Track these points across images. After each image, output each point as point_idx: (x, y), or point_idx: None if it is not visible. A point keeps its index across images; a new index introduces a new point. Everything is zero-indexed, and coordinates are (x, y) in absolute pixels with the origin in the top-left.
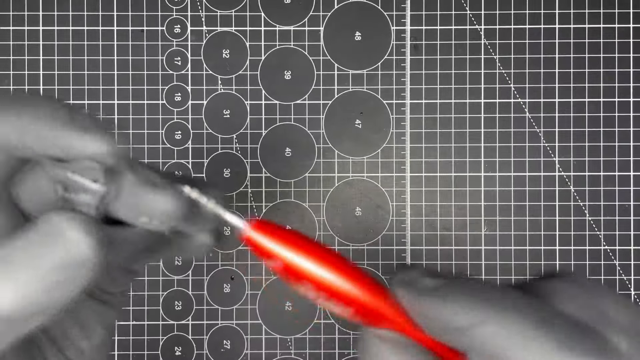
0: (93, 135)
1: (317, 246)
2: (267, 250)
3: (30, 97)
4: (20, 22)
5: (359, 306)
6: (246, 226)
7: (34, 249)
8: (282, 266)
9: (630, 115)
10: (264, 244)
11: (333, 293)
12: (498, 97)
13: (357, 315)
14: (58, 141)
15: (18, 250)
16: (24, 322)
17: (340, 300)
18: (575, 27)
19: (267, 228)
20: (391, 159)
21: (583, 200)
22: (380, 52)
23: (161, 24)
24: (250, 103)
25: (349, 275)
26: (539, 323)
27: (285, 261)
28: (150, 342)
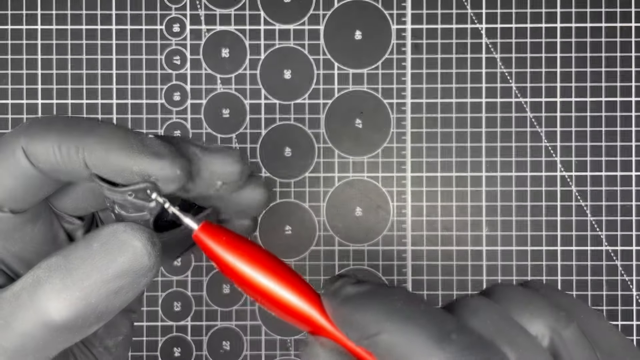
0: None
1: (256, 252)
2: (209, 250)
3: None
4: (18, 21)
5: (291, 313)
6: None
7: (98, 257)
8: (219, 267)
9: (632, 114)
10: (207, 244)
11: (266, 298)
12: (499, 97)
13: (292, 321)
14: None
15: (81, 260)
16: (85, 328)
17: (273, 305)
18: (577, 26)
19: (212, 231)
20: (392, 159)
21: (585, 201)
22: (381, 51)
23: (160, 22)
24: (249, 102)
25: (284, 283)
26: (437, 336)
27: (221, 262)
28: (149, 343)
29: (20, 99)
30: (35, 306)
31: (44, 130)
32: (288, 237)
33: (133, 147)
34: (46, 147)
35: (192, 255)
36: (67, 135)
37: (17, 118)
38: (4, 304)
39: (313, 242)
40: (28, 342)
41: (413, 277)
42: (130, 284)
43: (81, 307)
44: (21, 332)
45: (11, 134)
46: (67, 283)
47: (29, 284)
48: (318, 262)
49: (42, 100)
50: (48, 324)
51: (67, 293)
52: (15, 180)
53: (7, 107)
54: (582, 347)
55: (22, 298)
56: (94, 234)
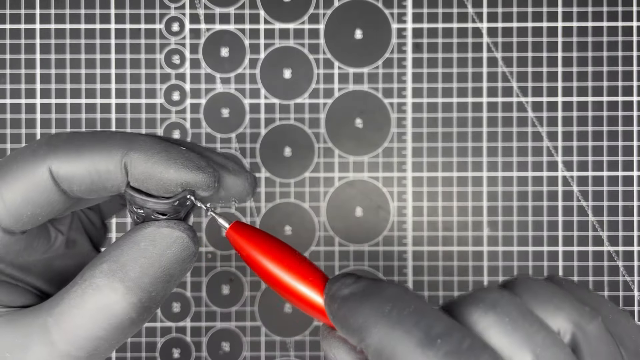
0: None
1: (279, 249)
2: (238, 245)
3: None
4: (17, 20)
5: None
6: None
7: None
8: (246, 261)
9: (633, 114)
10: (236, 241)
11: (286, 292)
12: (500, 96)
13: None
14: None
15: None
16: (148, 317)
17: (292, 298)
18: (579, 26)
19: (241, 229)
20: (392, 159)
21: (586, 201)
22: (381, 51)
23: (159, 22)
24: (249, 102)
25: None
26: (421, 341)
27: (248, 257)
28: (149, 344)
29: (18, 98)
30: (104, 313)
31: (75, 149)
32: (288, 237)
33: (177, 162)
34: (81, 168)
35: None
36: (106, 152)
37: (16, 118)
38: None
39: (313, 243)
40: (101, 344)
41: (414, 278)
42: (180, 270)
43: (145, 302)
44: (95, 337)
45: (33, 153)
46: (129, 285)
47: (89, 293)
48: (318, 262)
49: (40, 100)
50: (118, 324)
51: (131, 294)
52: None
53: (5, 106)
54: (606, 344)
55: (88, 307)
56: (137, 233)
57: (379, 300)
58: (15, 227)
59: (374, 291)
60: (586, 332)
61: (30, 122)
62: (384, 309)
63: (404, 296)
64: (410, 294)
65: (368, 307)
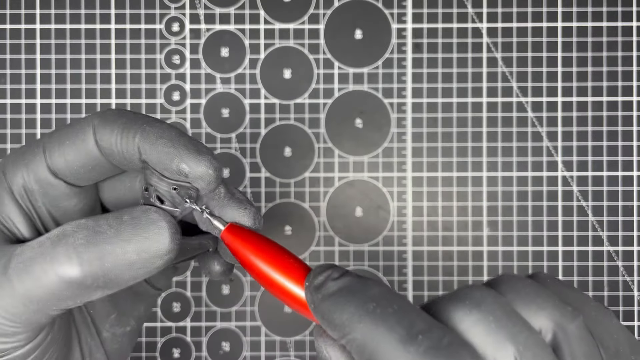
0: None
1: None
2: (232, 247)
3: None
4: (17, 20)
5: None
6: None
7: (124, 227)
8: (240, 262)
9: (633, 114)
10: (231, 243)
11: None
12: (500, 96)
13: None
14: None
15: (108, 226)
16: (90, 290)
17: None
18: (578, 26)
19: (236, 231)
20: (392, 159)
21: (586, 201)
22: (381, 51)
23: (159, 22)
24: (249, 102)
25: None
26: (403, 337)
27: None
28: (149, 344)
29: (18, 98)
30: (53, 255)
31: (115, 116)
32: (288, 238)
33: (180, 143)
34: (112, 130)
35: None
36: (132, 123)
37: (16, 118)
38: (28, 250)
39: (313, 243)
40: (37, 288)
41: (414, 278)
42: (145, 260)
43: (94, 267)
44: (35, 277)
45: (88, 116)
46: (90, 241)
47: (54, 235)
48: (318, 262)
49: (40, 100)
50: (60, 275)
51: (86, 250)
52: (78, 154)
53: (5, 106)
54: (586, 344)
55: (45, 246)
56: (126, 209)
57: (364, 298)
58: (70, 180)
59: (359, 289)
60: (567, 332)
61: (30, 122)
62: (369, 306)
63: (388, 295)
64: (393, 293)
65: (353, 304)
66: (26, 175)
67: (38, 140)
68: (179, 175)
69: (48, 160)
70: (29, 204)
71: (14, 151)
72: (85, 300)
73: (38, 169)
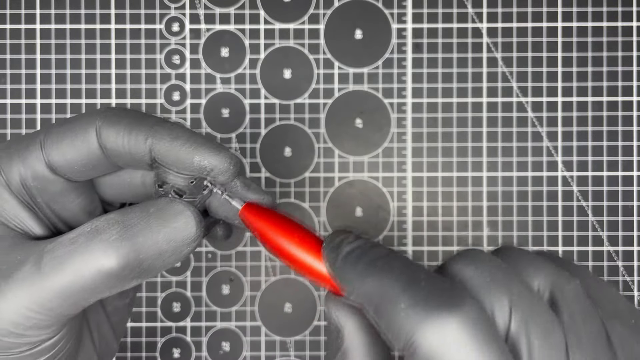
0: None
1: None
2: (249, 224)
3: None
4: (17, 20)
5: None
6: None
7: (153, 219)
8: (258, 237)
9: (633, 114)
10: (248, 220)
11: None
12: (500, 96)
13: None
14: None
15: (137, 219)
16: (127, 280)
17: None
18: (578, 26)
19: (252, 209)
20: (392, 159)
21: (586, 201)
22: (381, 51)
23: (159, 22)
24: (249, 102)
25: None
26: (406, 283)
27: (260, 233)
28: (149, 344)
29: (19, 98)
30: (90, 251)
31: (118, 116)
32: None
33: (197, 141)
34: (117, 131)
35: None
36: (138, 124)
37: (16, 118)
38: (60, 247)
39: None
40: (77, 281)
41: None
42: (174, 249)
43: (130, 259)
44: (73, 271)
45: (87, 114)
46: (123, 235)
47: (86, 231)
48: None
49: (40, 100)
50: (99, 268)
51: (121, 244)
52: (79, 154)
53: (5, 106)
54: (583, 302)
55: (79, 242)
56: (151, 201)
57: (373, 256)
58: (70, 177)
59: (370, 249)
60: (564, 292)
61: (30, 122)
62: (377, 262)
63: (394, 254)
64: (399, 254)
65: (364, 261)
66: (23, 172)
67: (33, 135)
68: (200, 171)
69: (46, 157)
70: (29, 199)
71: (6, 146)
72: (121, 289)
73: (36, 166)
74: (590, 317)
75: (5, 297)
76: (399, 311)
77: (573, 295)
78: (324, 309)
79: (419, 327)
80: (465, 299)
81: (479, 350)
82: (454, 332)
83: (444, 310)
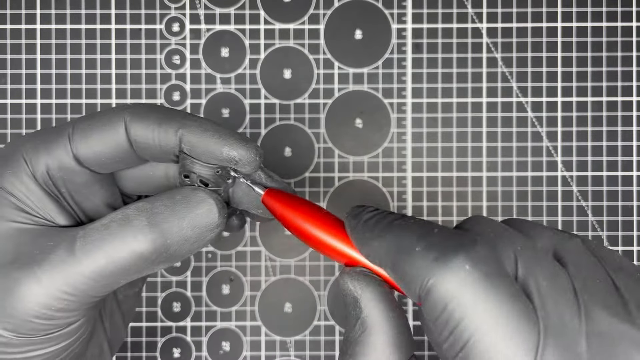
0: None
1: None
2: (272, 209)
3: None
4: (17, 20)
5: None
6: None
7: (179, 207)
8: (280, 220)
9: (633, 114)
10: (269, 203)
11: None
12: (500, 96)
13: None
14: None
15: (164, 207)
16: (155, 264)
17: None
18: (578, 26)
19: (274, 194)
20: (392, 159)
21: (586, 201)
22: (381, 51)
23: (159, 22)
24: (249, 102)
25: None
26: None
27: (281, 216)
28: (149, 343)
29: (19, 98)
30: (122, 236)
31: (147, 111)
32: (288, 237)
33: (226, 133)
34: (147, 124)
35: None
36: (168, 117)
37: (16, 118)
38: (93, 232)
39: None
40: (109, 265)
41: None
42: (198, 235)
43: (159, 244)
44: (106, 255)
45: (115, 109)
46: (152, 222)
47: (118, 218)
48: (318, 262)
49: (41, 100)
50: (130, 252)
51: (150, 230)
52: (107, 147)
53: (6, 106)
54: (587, 256)
55: (112, 228)
56: (176, 189)
57: (390, 220)
58: (95, 169)
59: (387, 215)
60: (567, 247)
61: (30, 122)
62: (394, 223)
63: (409, 217)
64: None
65: (382, 224)
66: (50, 162)
67: (61, 128)
68: (228, 162)
69: (74, 150)
70: (55, 190)
71: (31, 137)
72: (150, 272)
73: (62, 157)
74: (595, 266)
75: (39, 280)
76: (415, 255)
77: (576, 249)
78: (339, 283)
79: (434, 266)
80: (477, 241)
81: (492, 284)
82: (469, 269)
83: (459, 250)
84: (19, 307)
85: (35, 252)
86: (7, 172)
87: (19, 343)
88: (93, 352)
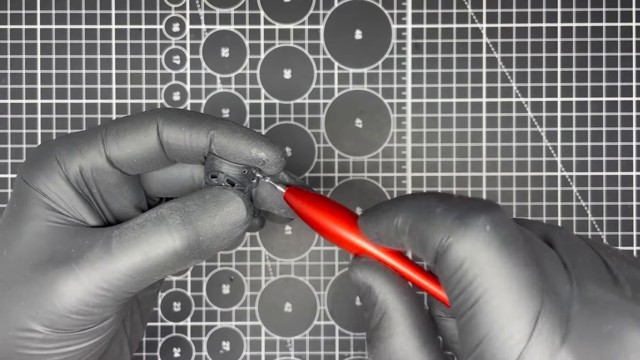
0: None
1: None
2: (292, 204)
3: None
4: (18, 21)
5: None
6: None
7: (209, 205)
8: (301, 216)
9: (633, 114)
10: (291, 199)
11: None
12: (500, 96)
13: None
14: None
15: (195, 205)
16: (188, 260)
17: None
18: (578, 26)
19: (295, 192)
20: (392, 159)
21: (585, 201)
22: (381, 51)
23: (159, 22)
24: (249, 102)
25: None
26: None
27: (301, 213)
28: (149, 343)
29: (19, 98)
30: (157, 234)
31: (179, 115)
32: (288, 237)
33: (254, 135)
34: (179, 127)
35: None
36: (199, 120)
37: (17, 118)
38: (129, 231)
39: (313, 242)
40: (145, 261)
41: None
42: (228, 232)
43: (192, 241)
44: (141, 253)
45: (147, 113)
46: (185, 220)
47: (153, 217)
48: (318, 262)
49: (41, 100)
50: (165, 249)
51: (184, 228)
52: (140, 148)
53: (6, 106)
54: (577, 241)
55: (147, 227)
56: (205, 189)
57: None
58: (126, 170)
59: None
60: (556, 233)
61: (31, 122)
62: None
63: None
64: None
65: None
66: (83, 164)
67: (94, 130)
68: (256, 162)
69: (107, 151)
70: (86, 190)
71: (63, 140)
72: (183, 268)
73: (96, 158)
74: (584, 248)
75: (77, 277)
76: (435, 215)
77: (566, 234)
78: (350, 276)
79: (455, 224)
80: (496, 205)
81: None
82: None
83: (481, 211)
84: (58, 303)
85: (71, 251)
86: (41, 174)
87: (56, 338)
88: (114, 350)
